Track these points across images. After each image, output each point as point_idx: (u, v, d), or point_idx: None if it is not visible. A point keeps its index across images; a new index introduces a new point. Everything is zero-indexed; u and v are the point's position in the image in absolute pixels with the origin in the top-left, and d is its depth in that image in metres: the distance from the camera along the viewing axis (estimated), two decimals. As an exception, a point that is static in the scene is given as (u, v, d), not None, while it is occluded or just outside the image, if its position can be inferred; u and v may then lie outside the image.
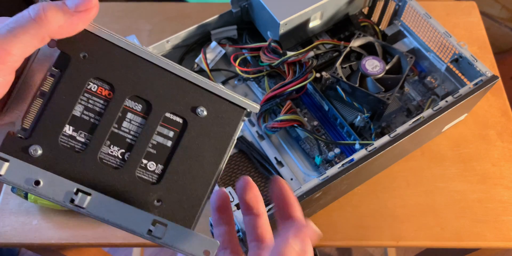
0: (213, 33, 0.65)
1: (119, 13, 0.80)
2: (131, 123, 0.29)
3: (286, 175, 0.60)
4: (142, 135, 0.29)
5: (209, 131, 0.29)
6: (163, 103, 0.29)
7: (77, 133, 0.28)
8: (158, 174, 0.29)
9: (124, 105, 0.28)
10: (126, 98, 0.28)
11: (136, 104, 0.29)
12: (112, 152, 0.28)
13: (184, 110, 0.29)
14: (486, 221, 0.60)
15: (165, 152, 0.29)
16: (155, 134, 0.29)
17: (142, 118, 0.29)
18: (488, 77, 0.56)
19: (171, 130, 0.29)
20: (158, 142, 0.29)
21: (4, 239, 0.59)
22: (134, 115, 0.29)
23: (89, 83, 0.28)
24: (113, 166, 0.28)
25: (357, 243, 0.59)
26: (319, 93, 0.62)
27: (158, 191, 0.29)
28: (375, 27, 0.68)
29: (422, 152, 0.65)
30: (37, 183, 0.26)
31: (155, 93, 0.28)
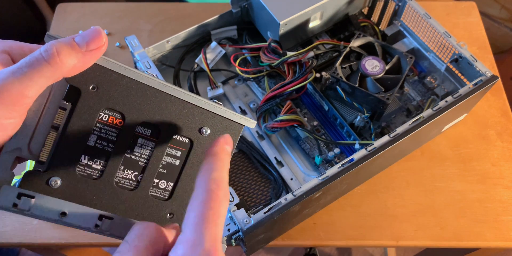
0: (213, 33, 0.65)
1: (120, 13, 0.80)
2: (142, 147, 0.31)
3: (286, 175, 0.60)
4: (153, 158, 0.31)
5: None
6: (171, 127, 0.31)
7: (92, 162, 0.29)
8: (169, 190, 0.32)
9: (135, 131, 0.30)
10: (136, 125, 0.30)
11: (146, 129, 0.30)
12: (126, 175, 0.30)
13: (190, 131, 0.31)
14: (486, 221, 0.60)
15: (174, 171, 0.32)
16: (165, 155, 0.31)
17: (152, 142, 0.31)
18: (487, 77, 0.56)
19: (178, 150, 0.31)
20: (167, 162, 0.31)
21: (4, 239, 0.59)
22: (145, 140, 0.30)
23: (100, 114, 0.29)
24: (128, 188, 0.30)
25: (357, 243, 0.59)
26: (319, 93, 0.62)
27: (170, 206, 0.31)
28: (375, 27, 0.68)
29: (422, 152, 0.65)
30: (64, 215, 0.28)
31: (163, 118, 0.30)
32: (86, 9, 0.81)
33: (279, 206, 0.48)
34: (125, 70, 0.29)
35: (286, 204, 0.48)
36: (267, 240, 0.57)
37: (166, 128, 0.31)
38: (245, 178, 0.61)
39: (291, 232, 0.59)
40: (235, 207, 0.48)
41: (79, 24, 0.78)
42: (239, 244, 0.52)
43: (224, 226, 0.48)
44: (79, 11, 0.80)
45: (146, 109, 0.30)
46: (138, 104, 0.30)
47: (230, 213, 0.48)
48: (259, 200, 0.60)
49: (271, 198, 0.59)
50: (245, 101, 0.66)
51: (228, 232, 0.48)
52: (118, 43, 0.76)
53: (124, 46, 0.75)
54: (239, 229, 0.48)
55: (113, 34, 0.77)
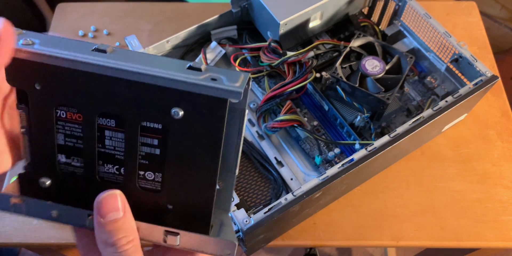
0: (213, 33, 0.65)
1: (119, 13, 0.80)
2: (112, 140, 0.28)
3: (286, 175, 0.60)
4: (128, 149, 0.28)
5: (192, 130, 0.27)
6: (133, 114, 0.27)
7: (71, 160, 0.29)
8: (160, 181, 0.29)
9: (98, 124, 0.27)
10: (95, 117, 0.27)
11: (109, 120, 0.27)
12: (108, 169, 0.29)
13: (157, 115, 0.27)
14: (486, 221, 0.60)
15: (157, 160, 0.28)
16: (140, 145, 0.28)
17: (120, 133, 0.28)
18: (488, 77, 0.56)
19: (154, 138, 0.28)
20: (146, 153, 0.28)
21: (4, 239, 0.59)
22: (112, 131, 0.28)
23: (57, 111, 0.27)
24: (114, 182, 0.29)
25: (357, 243, 0.59)
26: (319, 93, 0.62)
27: (165, 197, 0.29)
28: (375, 27, 0.68)
29: (422, 152, 0.65)
30: (56, 214, 0.28)
31: (121, 106, 0.27)
32: (86, 9, 0.81)
33: (279, 206, 0.48)
34: (62, 61, 0.25)
35: (286, 204, 0.48)
36: (267, 240, 0.57)
37: (129, 116, 0.27)
38: (245, 178, 0.61)
39: (291, 232, 0.59)
40: (235, 207, 0.48)
41: (79, 24, 0.78)
42: (239, 244, 0.52)
43: None
44: (79, 11, 0.80)
45: (100, 99, 0.26)
46: (90, 94, 0.26)
47: (230, 213, 0.48)
48: (259, 200, 0.60)
49: (271, 198, 0.59)
50: (245, 101, 0.66)
51: (228, 232, 0.48)
52: (118, 43, 0.75)
53: (124, 46, 0.75)
54: (239, 229, 0.48)
55: (113, 34, 0.77)
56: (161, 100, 0.26)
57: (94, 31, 0.77)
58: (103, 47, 0.26)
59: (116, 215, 0.26)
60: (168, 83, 0.25)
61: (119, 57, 0.25)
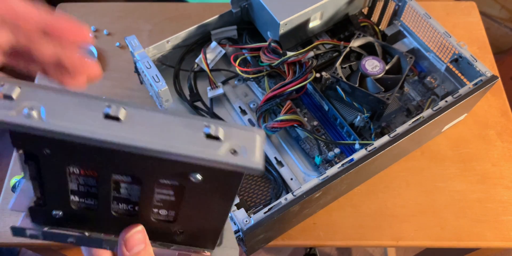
0: (213, 33, 0.65)
1: (119, 13, 0.80)
2: (127, 189, 0.28)
3: (286, 175, 0.60)
4: (143, 197, 0.28)
5: (209, 191, 0.27)
6: (152, 176, 0.26)
7: (84, 199, 0.29)
8: (172, 216, 0.30)
9: (113, 179, 0.27)
10: (111, 175, 0.26)
11: (125, 177, 0.26)
12: (122, 207, 0.29)
13: (176, 178, 0.26)
14: (486, 221, 0.60)
15: (172, 204, 0.29)
16: (156, 194, 0.28)
17: (136, 185, 0.27)
18: (487, 77, 0.56)
19: (170, 190, 0.27)
20: (162, 199, 0.28)
21: (4, 239, 0.59)
22: (127, 184, 0.27)
23: (69, 169, 0.26)
24: (128, 215, 0.29)
25: (357, 243, 0.59)
26: (319, 93, 0.62)
27: (177, 225, 0.30)
28: (375, 27, 0.68)
29: (422, 152, 0.65)
30: (73, 239, 0.29)
31: (138, 170, 0.26)
32: (86, 9, 0.81)
33: (279, 206, 0.48)
34: (72, 136, 0.22)
35: (286, 204, 0.48)
36: (267, 240, 0.57)
37: (146, 177, 0.26)
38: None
39: (291, 232, 0.59)
40: (235, 207, 0.48)
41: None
42: (239, 244, 0.52)
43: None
44: (79, 11, 0.80)
45: (114, 164, 0.25)
46: (104, 160, 0.25)
47: (230, 213, 0.48)
48: (259, 200, 0.60)
49: (271, 198, 0.59)
50: (245, 101, 0.66)
51: (228, 232, 0.48)
52: (118, 43, 0.76)
53: (124, 46, 0.75)
54: (239, 229, 0.48)
55: (113, 34, 0.77)
56: (179, 168, 0.25)
57: (94, 31, 0.77)
58: (115, 113, 0.23)
59: (140, 247, 0.29)
60: (188, 159, 0.23)
61: (133, 128, 0.23)
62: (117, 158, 0.24)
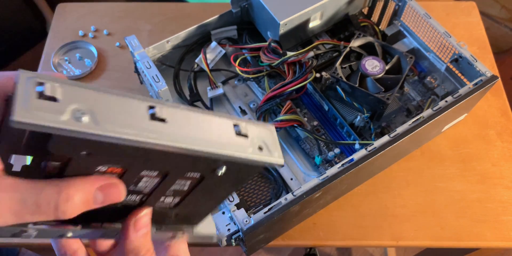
0: (213, 33, 0.65)
1: (120, 13, 0.80)
2: (146, 182, 0.28)
3: (286, 175, 0.60)
4: (160, 189, 0.28)
5: (224, 181, 0.29)
6: (182, 170, 0.27)
7: None
8: (175, 203, 0.31)
9: (140, 175, 0.27)
10: (140, 172, 0.26)
11: (153, 172, 0.27)
12: (132, 198, 0.29)
13: (204, 171, 0.28)
14: (486, 221, 0.60)
15: (182, 193, 0.30)
16: (174, 185, 0.29)
17: (157, 179, 0.28)
18: (487, 77, 0.56)
19: (189, 181, 0.29)
20: (175, 190, 0.29)
21: (4, 239, 0.59)
22: (149, 178, 0.27)
23: (97, 167, 0.25)
24: (132, 205, 0.30)
25: (357, 243, 0.59)
26: (319, 93, 0.62)
27: (174, 210, 0.32)
28: (375, 27, 0.68)
29: (422, 152, 0.65)
30: (70, 235, 0.29)
31: (173, 165, 0.26)
32: (86, 9, 0.81)
33: (279, 206, 0.48)
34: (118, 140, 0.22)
35: (286, 204, 0.48)
36: (267, 240, 0.57)
37: (174, 172, 0.27)
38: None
39: (291, 232, 0.59)
40: (235, 207, 0.48)
41: (79, 24, 0.78)
42: (239, 244, 0.52)
43: (224, 226, 0.48)
44: (79, 11, 0.80)
45: (148, 161, 0.25)
46: (140, 159, 0.25)
47: (230, 213, 0.48)
48: (259, 200, 0.60)
49: (271, 198, 0.59)
50: (245, 101, 0.66)
51: (228, 232, 0.48)
52: (118, 43, 0.76)
53: (124, 46, 0.75)
54: (239, 229, 0.48)
55: (113, 34, 0.77)
56: (211, 164, 0.26)
57: (94, 31, 0.77)
58: (160, 114, 0.23)
59: (145, 230, 0.30)
60: (223, 157, 0.25)
61: (177, 129, 0.24)
62: (155, 156, 0.24)
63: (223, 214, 0.49)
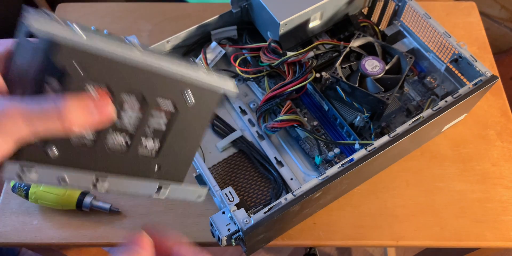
0: (213, 33, 0.65)
1: (120, 13, 0.80)
2: (127, 113, 0.32)
3: (286, 175, 0.60)
4: (140, 122, 0.33)
5: (194, 114, 0.35)
6: (153, 91, 0.33)
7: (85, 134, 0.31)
8: (156, 150, 0.35)
9: (119, 100, 0.31)
10: (120, 93, 0.31)
11: (130, 95, 0.32)
12: (116, 139, 0.32)
13: (172, 94, 0.33)
14: (486, 221, 0.60)
15: (161, 134, 0.34)
16: (150, 118, 0.33)
17: (137, 106, 0.33)
18: (487, 77, 0.56)
19: (164, 116, 0.34)
20: (154, 128, 0.34)
21: (4, 238, 0.59)
22: (130, 105, 0.32)
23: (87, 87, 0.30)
24: (120, 151, 0.33)
25: (357, 243, 0.59)
26: (319, 93, 0.62)
27: (157, 162, 0.35)
28: (375, 27, 0.68)
29: (421, 152, 0.66)
30: (64, 180, 0.31)
31: (144, 85, 0.32)
32: (86, 9, 0.81)
33: (279, 206, 0.48)
34: (105, 52, 0.29)
35: (286, 204, 0.48)
36: (267, 240, 0.57)
37: (148, 92, 0.32)
38: (245, 178, 0.61)
39: (291, 232, 0.59)
40: (235, 207, 0.48)
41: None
42: (239, 244, 0.52)
43: (224, 226, 0.48)
44: (79, 11, 0.80)
45: (127, 79, 0.31)
46: (120, 75, 0.31)
47: (230, 213, 0.48)
48: (259, 200, 0.60)
49: (271, 198, 0.59)
50: (245, 101, 0.66)
51: (228, 232, 0.48)
52: (118, 43, 0.76)
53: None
54: (239, 229, 0.48)
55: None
56: (174, 83, 0.33)
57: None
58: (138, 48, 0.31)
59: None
60: (180, 76, 0.33)
61: (147, 57, 0.31)
62: (130, 74, 0.31)
63: (223, 214, 0.49)
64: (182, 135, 0.35)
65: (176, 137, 0.35)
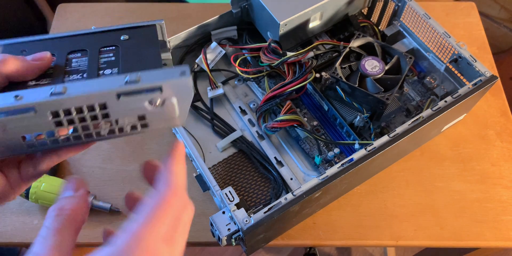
0: (213, 34, 0.65)
1: (120, 13, 0.80)
2: (77, 62, 0.36)
3: (286, 175, 0.60)
4: (90, 63, 0.36)
5: (136, 43, 0.38)
6: (94, 47, 0.37)
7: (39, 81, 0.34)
8: (116, 72, 0.36)
9: (67, 57, 0.36)
10: (65, 55, 0.36)
11: (75, 54, 0.37)
12: (73, 78, 0.35)
13: (111, 41, 0.38)
14: (485, 221, 0.61)
15: (114, 62, 0.36)
16: (100, 58, 0.36)
17: (84, 58, 0.36)
18: (487, 77, 0.56)
19: (110, 53, 0.37)
20: (105, 61, 0.36)
21: (5, 238, 0.59)
22: (77, 59, 0.36)
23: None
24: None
25: (357, 243, 0.59)
26: (318, 93, 0.62)
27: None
28: (375, 27, 0.68)
29: (421, 152, 0.66)
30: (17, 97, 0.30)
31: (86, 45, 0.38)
32: (86, 9, 0.81)
33: (279, 206, 0.48)
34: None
35: (286, 204, 0.48)
36: (267, 240, 0.57)
37: (91, 49, 0.37)
38: (245, 178, 0.61)
39: (291, 232, 0.59)
40: (235, 207, 0.49)
41: (80, 24, 0.79)
42: (239, 243, 0.52)
43: (224, 226, 0.48)
44: (79, 11, 0.80)
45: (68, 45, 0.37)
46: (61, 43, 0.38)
47: (230, 213, 0.48)
48: (259, 200, 0.60)
49: (271, 198, 0.59)
50: (245, 101, 0.67)
51: (228, 231, 0.48)
52: (119, 43, 0.76)
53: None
54: (239, 228, 0.48)
55: (114, 35, 0.77)
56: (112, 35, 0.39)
57: (94, 31, 0.77)
58: None
59: None
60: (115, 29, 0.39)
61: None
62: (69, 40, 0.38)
63: (223, 213, 0.49)
64: (135, 60, 0.36)
65: (128, 61, 0.36)
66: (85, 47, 0.37)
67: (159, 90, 0.30)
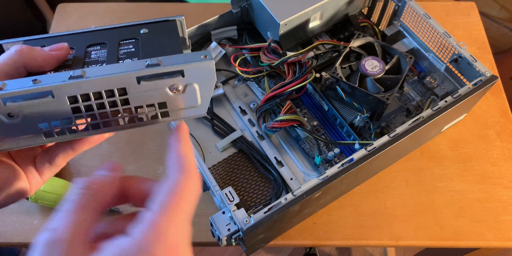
0: (213, 34, 0.65)
1: (120, 13, 0.80)
2: (97, 54, 0.36)
3: (286, 175, 0.60)
4: (109, 54, 0.35)
5: (156, 36, 0.37)
6: (114, 40, 0.37)
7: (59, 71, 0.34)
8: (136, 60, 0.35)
9: (86, 50, 0.36)
10: (84, 49, 0.36)
11: (94, 47, 0.36)
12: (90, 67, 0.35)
13: (131, 35, 0.37)
14: (485, 221, 0.60)
15: (134, 54, 0.35)
16: (119, 50, 0.36)
17: (104, 50, 0.36)
18: (487, 77, 0.56)
19: (130, 45, 0.37)
20: (124, 52, 0.36)
21: (5, 238, 0.59)
22: (97, 51, 0.36)
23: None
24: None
25: (357, 243, 0.59)
26: (318, 93, 0.62)
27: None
28: (375, 27, 0.68)
29: (421, 152, 0.66)
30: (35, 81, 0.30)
31: (105, 39, 0.37)
32: (86, 9, 0.81)
33: (279, 206, 0.48)
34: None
35: (286, 204, 0.48)
36: (267, 240, 0.57)
37: (110, 41, 0.37)
38: (245, 178, 0.61)
39: (291, 232, 0.59)
40: (235, 207, 0.49)
41: (80, 24, 0.79)
42: (239, 244, 0.52)
43: (224, 226, 0.48)
44: (79, 11, 0.80)
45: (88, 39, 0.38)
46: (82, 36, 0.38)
47: (230, 213, 0.48)
48: (259, 200, 0.60)
49: (271, 198, 0.59)
50: (245, 101, 0.67)
51: (228, 232, 0.48)
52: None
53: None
54: (239, 229, 0.48)
55: (113, 34, 0.77)
56: (132, 29, 0.38)
57: (94, 31, 0.77)
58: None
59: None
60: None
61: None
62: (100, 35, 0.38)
63: (223, 214, 0.49)
64: (155, 48, 0.36)
65: (149, 51, 0.35)
66: (104, 40, 0.37)
67: (180, 75, 0.30)
